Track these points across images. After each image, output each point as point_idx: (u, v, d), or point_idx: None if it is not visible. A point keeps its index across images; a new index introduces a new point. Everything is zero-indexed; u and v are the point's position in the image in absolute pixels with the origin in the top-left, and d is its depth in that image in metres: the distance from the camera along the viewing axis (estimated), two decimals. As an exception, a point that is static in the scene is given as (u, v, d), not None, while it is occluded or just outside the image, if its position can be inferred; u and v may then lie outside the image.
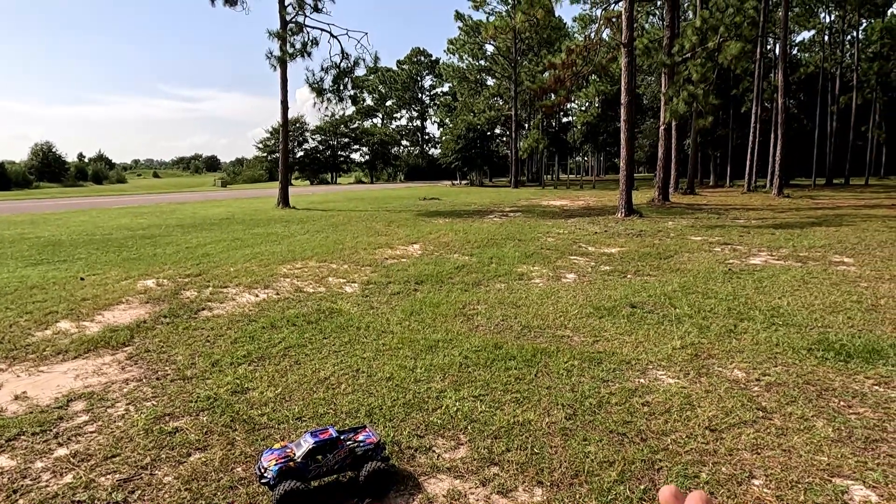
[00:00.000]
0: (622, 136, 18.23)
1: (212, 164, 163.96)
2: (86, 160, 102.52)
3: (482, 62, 52.80)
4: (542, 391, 4.19)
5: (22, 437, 3.54)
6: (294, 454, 2.90)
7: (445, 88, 74.15)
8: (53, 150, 73.60)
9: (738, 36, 19.55)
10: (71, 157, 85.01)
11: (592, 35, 22.58)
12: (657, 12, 45.07)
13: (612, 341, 5.37)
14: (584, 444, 3.41)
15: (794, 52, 50.42)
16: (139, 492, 2.96)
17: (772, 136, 29.88)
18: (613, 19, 21.60)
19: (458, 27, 49.48)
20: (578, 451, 3.34)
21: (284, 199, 23.62)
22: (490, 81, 55.71)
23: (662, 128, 23.67)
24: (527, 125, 55.23)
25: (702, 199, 26.61)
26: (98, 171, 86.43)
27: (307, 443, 2.91)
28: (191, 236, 13.39)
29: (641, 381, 4.39)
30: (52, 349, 5.20)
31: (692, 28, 19.85)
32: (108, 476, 3.10)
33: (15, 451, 3.38)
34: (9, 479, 3.09)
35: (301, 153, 69.89)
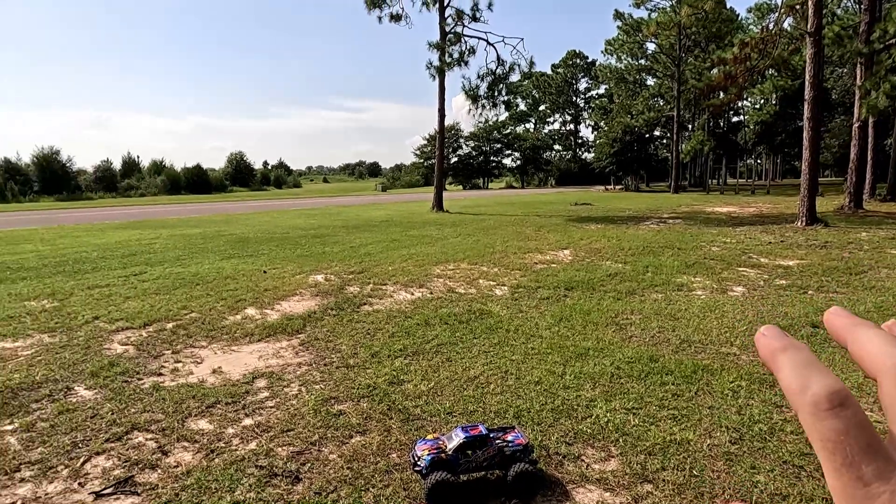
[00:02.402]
0: (805, 135, 16.27)
1: (374, 170, 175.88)
2: (269, 167, 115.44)
3: (642, 61, 50.45)
4: (702, 410, 3.90)
5: (218, 405, 4.10)
6: (446, 446, 3.01)
7: (601, 90, 72.08)
8: (244, 158, 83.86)
9: (961, 14, 16.49)
10: (257, 165, 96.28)
11: (771, 25, 20.41)
12: (853, -5, 39.61)
13: (787, 363, 4.82)
14: (752, 473, 3.11)
15: None
16: (309, 465, 3.28)
17: None
18: (797, 6, 19.35)
19: (617, 27, 47.72)
20: (745, 478, 3.05)
21: (438, 204, 24.55)
22: (650, 81, 53.04)
23: (857, 125, 20.73)
24: (690, 126, 51.69)
25: (906, 207, 22.83)
26: (278, 177, 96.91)
27: (458, 437, 3.01)
28: (354, 236, 14.48)
29: (824, 410, 3.89)
30: (241, 332, 5.95)
31: (899, 9, 17.14)
32: (285, 447, 3.48)
33: (213, 417, 3.92)
34: (207, 440, 3.59)
35: (455, 159, 72.17)
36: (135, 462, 3.31)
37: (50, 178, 57.45)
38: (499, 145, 74.77)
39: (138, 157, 73.57)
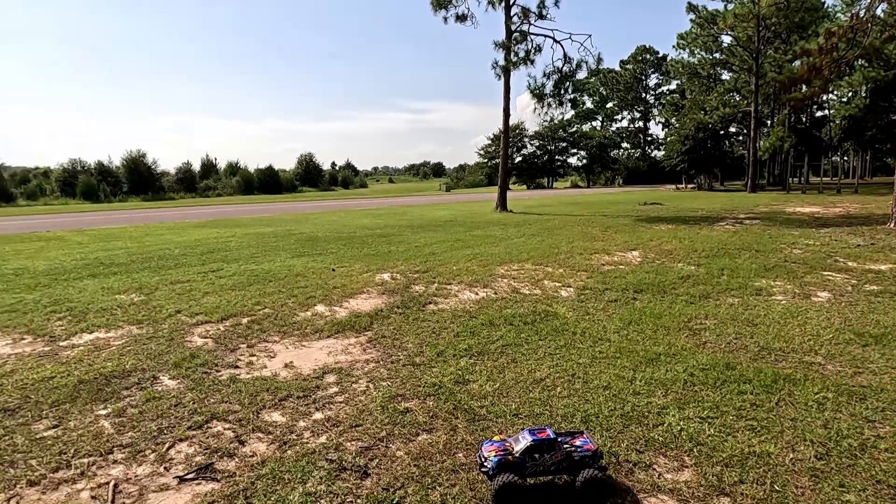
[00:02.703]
0: (900, 130, 15.06)
1: (437, 170, 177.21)
2: (336, 168, 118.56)
3: (716, 55, 48.18)
4: (784, 422, 3.69)
5: (290, 399, 4.25)
6: (513, 448, 2.99)
7: (672, 86, 69.65)
8: (314, 159, 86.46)
9: None
10: (325, 166, 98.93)
11: (862, 13, 19.01)
12: (957, -24, 36.29)
13: (880, 375, 4.49)
14: (841, 491, 2.92)
15: None
16: (377, 460, 3.34)
17: None
18: (893, -9, 17.91)
19: (690, 20, 45.81)
20: (833, 497, 2.87)
21: (502, 203, 24.45)
22: (725, 76, 50.64)
23: (960, 118, 19.01)
24: (769, 122, 49.07)
25: None
26: (346, 178, 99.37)
27: (525, 440, 2.98)
28: (419, 236, 14.64)
29: (923, 427, 3.60)
30: (311, 328, 6.14)
31: None
32: (353, 442, 3.56)
33: (285, 409, 4.07)
34: (280, 432, 3.73)
35: (519, 158, 71.62)
36: (214, 450, 3.48)
37: (137, 179, 61.32)
38: (564, 144, 73.60)
39: (216, 159, 77.36)
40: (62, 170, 60.55)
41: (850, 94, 48.44)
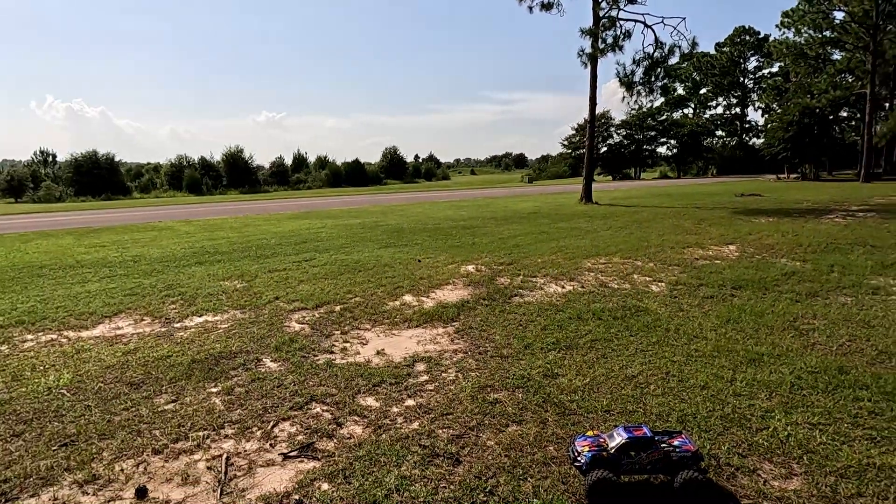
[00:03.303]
0: None
1: (520, 161, 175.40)
2: (419, 160, 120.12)
3: (827, 33, 44.37)
4: (909, 434, 3.39)
5: (382, 385, 4.40)
6: (607, 445, 2.95)
7: (775, 69, 64.87)
8: (398, 152, 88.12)
9: None
10: (409, 158, 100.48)
11: None
12: None
13: None
14: (979, 513, 2.65)
15: None
16: (468, 449, 3.40)
17: None
18: None
19: (797, -4, 42.49)
20: (969, 518, 2.61)
21: (587, 195, 23.87)
22: (836, 56, 46.53)
23: None
24: (887, 104, 44.67)
25: None
26: (429, 169, 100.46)
27: (620, 436, 2.93)
28: (502, 228, 14.60)
29: None
30: (400, 317, 6.30)
31: None
32: (445, 430, 3.63)
33: (378, 395, 4.22)
34: (374, 416, 3.87)
35: (604, 148, 69.51)
36: (314, 430, 3.68)
37: (235, 173, 65.15)
38: (653, 133, 70.57)
39: (306, 153, 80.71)
40: (170, 165, 65.42)
41: None
